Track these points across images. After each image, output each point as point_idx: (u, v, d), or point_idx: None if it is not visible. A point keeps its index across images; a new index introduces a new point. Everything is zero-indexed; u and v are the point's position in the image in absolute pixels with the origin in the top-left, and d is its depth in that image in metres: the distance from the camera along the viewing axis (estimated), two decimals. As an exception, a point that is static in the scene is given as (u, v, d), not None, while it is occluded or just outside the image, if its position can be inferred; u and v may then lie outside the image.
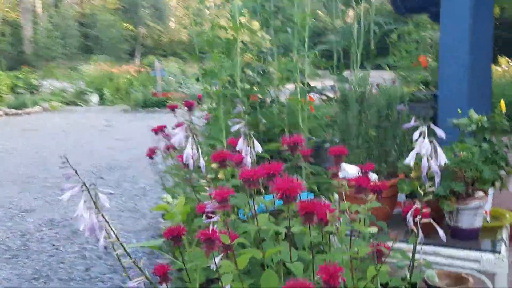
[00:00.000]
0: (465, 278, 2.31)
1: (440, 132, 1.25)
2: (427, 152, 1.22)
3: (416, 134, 1.23)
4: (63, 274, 3.88)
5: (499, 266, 1.83)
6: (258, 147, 1.65)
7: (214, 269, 1.48)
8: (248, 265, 1.46)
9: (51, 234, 4.79)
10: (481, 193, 1.94)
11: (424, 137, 1.23)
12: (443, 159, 1.24)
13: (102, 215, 1.40)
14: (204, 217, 1.61)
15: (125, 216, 5.33)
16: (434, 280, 1.30)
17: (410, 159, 1.25)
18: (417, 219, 1.36)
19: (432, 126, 1.25)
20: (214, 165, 1.76)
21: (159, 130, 3.54)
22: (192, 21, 2.91)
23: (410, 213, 1.38)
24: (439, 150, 1.24)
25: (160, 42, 35.21)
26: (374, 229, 1.38)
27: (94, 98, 17.62)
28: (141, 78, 18.21)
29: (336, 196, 1.87)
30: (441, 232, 1.42)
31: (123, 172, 7.51)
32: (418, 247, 1.40)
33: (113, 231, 1.51)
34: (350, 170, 1.92)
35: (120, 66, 21.29)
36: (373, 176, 2.02)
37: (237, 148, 1.66)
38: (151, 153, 3.50)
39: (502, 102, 2.05)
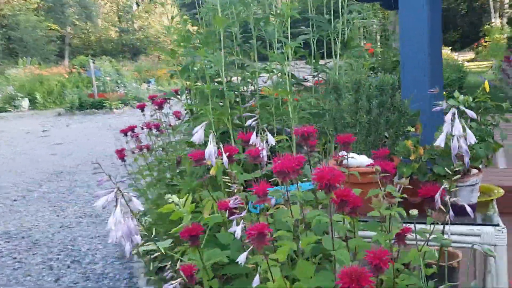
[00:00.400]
0: (455, 254, 2.42)
1: (471, 113, 1.30)
2: (459, 133, 1.27)
3: (448, 116, 1.28)
4: (32, 287, 3.72)
5: (499, 238, 1.93)
6: (272, 141, 1.65)
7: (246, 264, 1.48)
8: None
9: (9, 247, 4.57)
10: (475, 170, 2.03)
11: (455, 119, 1.28)
12: (472, 138, 1.29)
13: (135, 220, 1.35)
14: (227, 213, 1.59)
15: (86, 222, 5.17)
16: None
17: (441, 141, 1.30)
18: (447, 198, 1.41)
19: (462, 107, 1.30)
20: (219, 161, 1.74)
21: (129, 130, 3.46)
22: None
23: (438, 193, 1.43)
24: (468, 130, 1.29)
25: (89, 41, 34.15)
26: (415, 211, 1.42)
27: (25, 102, 16.86)
28: (74, 79, 17.60)
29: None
30: (468, 208, 1.48)
31: (72, 177, 7.26)
32: (446, 226, 1.46)
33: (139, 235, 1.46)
34: (359, 159, 1.96)
35: (50, 68, 20.47)
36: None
37: (251, 142, 1.65)
38: (122, 155, 3.40)
39: (486, 83, 2.15)
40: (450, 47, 16.78)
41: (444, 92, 2.48)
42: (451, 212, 1.62)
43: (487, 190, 2.27)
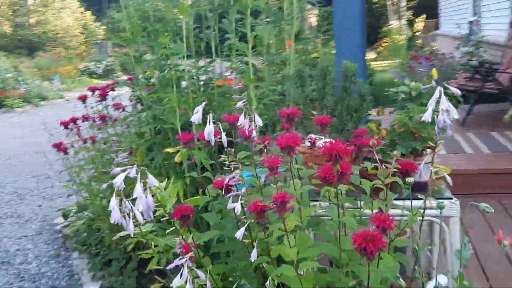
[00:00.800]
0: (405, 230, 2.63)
1: (455, 90, 1.46)
2: (446, 108, 1.42)
3: (436, 93, 1.43)
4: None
5: (453, 210, 2.14)
6: (259, 121, 1.72)
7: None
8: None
9: None
10: (429, 150, 2.23)
11: (441, 95, 1.43)
12: (455, 114, 1.45)
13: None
14: (224, 191, 1.65)
15: (8, 223, 4.90)
16: (490, 212, 1.50)
17: (427, 116, 1.44)
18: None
19: (447, 85, 1.46)
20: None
21: (70, 122, 3.36)
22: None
23: (422, 165, 1.59)
24: (451, 106, 1.45)
25: (-21, 36, 31.83)
26: (411, 179, 1.56)
27: None
28: (-33, 77, 16.36)
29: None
30: (449, 178, 1.65)
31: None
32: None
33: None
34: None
35: None
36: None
37: (239, 123, 1.71)
38: (64, 148, 3.30)
39: (434, 70, 2.37)
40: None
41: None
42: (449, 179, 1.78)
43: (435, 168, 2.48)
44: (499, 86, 5.61)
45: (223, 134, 1.57)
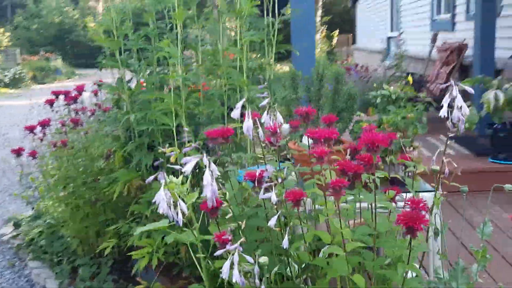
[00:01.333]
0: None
1: (469, 90, 1.65)
2: (460, 104, 1.61)
3: (454, 91, 1.61)
4: None
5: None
6: (281, 119, 1.83)
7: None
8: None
9: None
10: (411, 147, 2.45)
11: (457, 93, 1.62)
12: (467, 110, 1.64)
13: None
14: (255, 183, 1.74)
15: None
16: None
17: (444, 112, 1.63)
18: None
19: (461, 84, 1.65)
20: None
21: (35, 128, 3.27)
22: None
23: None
24: (464, 103, 1.64)
25: None
26: (436, 167, 1.74)
27: None
28: None
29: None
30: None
31: None
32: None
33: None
34: (304, 140, 2.24)
35: None
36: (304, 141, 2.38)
37: (263, 121, 1.81)
38: (34, 153, 3.21)
39: (410, 77, 2.60)
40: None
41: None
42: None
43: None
44: (431, 96, 6.08)
45: (260, 129, 1.67)
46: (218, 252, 1.53)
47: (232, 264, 1.49)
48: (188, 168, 1.40)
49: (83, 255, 3.44)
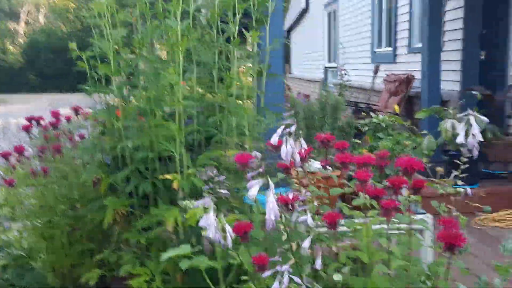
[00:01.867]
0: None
1: (485, 119, 1.81)
2: (477, 132, 1.75)
3: (472, 120, 1.75)
4: None
5: (426, 223, 2.50)
6: (304, 145, 1.91)
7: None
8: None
9: None
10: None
11: (473, 122, 1.76)
12: (480, 137, 1.78)
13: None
14: (287, 207, 1.79)
15: None
16: None
17: (461, 138, 1.76)
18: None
19: (477, 114, 1.80)
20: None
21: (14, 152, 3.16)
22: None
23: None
24: (478, 131, 1.78)
25: None
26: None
27: None
28: None
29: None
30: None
31: None
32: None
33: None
34: (314, 164, 2.33)
35: None
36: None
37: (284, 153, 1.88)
38: (11, 181, 3.09)
39: (396, 106, 2.77)
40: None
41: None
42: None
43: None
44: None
45: (296, 153, 1.73)
46: (266, 274, 1.57)
47: (280, 284, 1.53)
48: (253, 193, 1.44)
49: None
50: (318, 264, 1.70)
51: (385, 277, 1.58)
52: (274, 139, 1.72)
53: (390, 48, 8.72)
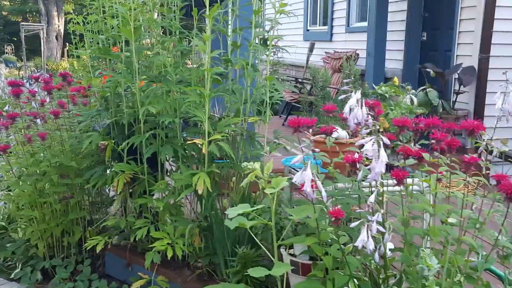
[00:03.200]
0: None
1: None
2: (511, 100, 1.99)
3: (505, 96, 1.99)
4: None
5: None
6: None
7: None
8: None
9: None
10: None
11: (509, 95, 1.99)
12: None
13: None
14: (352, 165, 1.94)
15: None
16: None
17: (498, 107, 2.00)
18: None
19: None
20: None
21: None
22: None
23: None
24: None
25: None
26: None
27: None
28: None
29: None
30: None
31: None
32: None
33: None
34: (342, 133, 2.51)
35: None
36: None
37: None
38: (5, 147, 2.96)
39: (396, 78, 2.99)
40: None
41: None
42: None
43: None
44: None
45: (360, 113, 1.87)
46: (353, 224, 1.72)
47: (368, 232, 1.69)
48: (368, 147, 1.57)
49: (46, 258, 3.23)
50: (379, 217, 1.87)
51: (446, 226, 1.78)
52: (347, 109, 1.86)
53: (326, 27, 9.03)
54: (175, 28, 2.78)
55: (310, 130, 1.95)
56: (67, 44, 19.21)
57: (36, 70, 15.84)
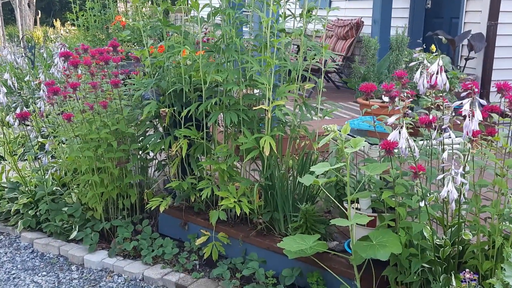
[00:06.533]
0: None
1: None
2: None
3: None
4: None
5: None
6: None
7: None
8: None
9: None
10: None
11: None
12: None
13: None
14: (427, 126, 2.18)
15: None
16: None
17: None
18: None
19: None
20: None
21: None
22: None
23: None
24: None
25: None
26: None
27: None
28: None
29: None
30: None
31: None
32: None
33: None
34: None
35: None
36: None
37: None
38: (69, 116, 3.12)
39: (433, 46, 3.22)
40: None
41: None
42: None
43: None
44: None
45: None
46: (439, 177, 1.97)
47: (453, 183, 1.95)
48: (467, 107, 1.81)
49: (102, 220, 3.43)
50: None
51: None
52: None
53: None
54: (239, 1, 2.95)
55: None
56: (39, 12, 18.89)
57: (15, 40, 15.61)
